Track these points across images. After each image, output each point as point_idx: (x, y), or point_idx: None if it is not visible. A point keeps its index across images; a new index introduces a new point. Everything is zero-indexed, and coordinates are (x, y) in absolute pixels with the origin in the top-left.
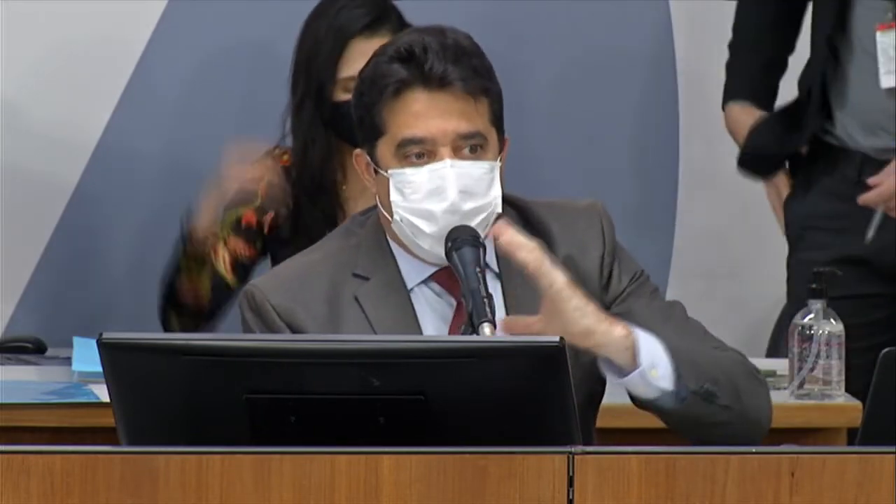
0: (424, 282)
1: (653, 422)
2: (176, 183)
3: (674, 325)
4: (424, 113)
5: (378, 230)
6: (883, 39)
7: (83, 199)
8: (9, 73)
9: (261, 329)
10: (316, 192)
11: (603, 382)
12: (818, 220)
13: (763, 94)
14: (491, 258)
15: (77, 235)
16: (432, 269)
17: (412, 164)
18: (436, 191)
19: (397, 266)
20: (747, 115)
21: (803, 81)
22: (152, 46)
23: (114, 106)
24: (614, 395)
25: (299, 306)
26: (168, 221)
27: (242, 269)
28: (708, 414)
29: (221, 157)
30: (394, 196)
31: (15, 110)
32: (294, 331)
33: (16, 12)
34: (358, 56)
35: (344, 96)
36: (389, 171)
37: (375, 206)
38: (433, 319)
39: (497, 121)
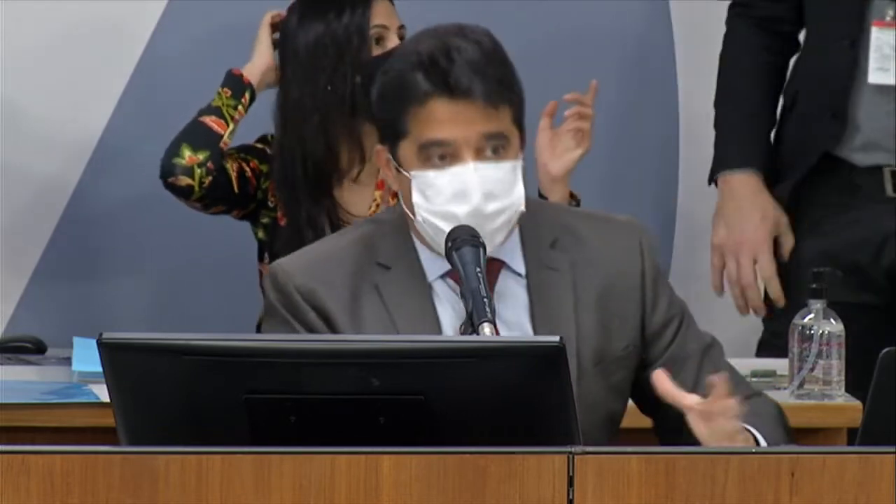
0: (443, 276)
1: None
2: None
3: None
4: (448, 119)
5: (403, 221)
6: (879, 36)
7: (83, 199)
8: (9, 72)
9: (285, 308)
10: (316, 181)
11: (625, 402)
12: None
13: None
14: (517, 261)
15: (77, 235)
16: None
17: (435, 167)
18: (459, 194)
19: (419, 258)
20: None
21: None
22: (152, 46)
23: (114, 106)
24: None
25: (322, 287)
26: (168, 221)
27: (243, 181)
28: None
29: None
30: (416, 198)
31: (15, 110)
32: (318, 312)
33: (16, 11)
34: (380, 12)
35: (377, 50)
36: (412, 173)
37: None
38: (450, 314)
39: (519, 121)
